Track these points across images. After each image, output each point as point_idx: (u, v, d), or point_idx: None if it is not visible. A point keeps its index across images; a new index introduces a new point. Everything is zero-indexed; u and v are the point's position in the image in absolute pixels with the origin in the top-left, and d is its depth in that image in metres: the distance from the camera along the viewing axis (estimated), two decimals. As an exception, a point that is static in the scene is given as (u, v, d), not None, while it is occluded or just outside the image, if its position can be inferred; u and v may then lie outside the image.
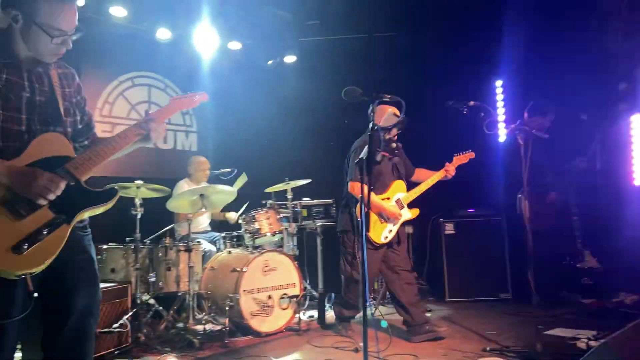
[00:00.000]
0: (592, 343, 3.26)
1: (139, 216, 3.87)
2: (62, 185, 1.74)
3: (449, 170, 3.90)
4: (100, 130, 5.14)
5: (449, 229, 5.16)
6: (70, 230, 1.74)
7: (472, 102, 3.60)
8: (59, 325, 1.82)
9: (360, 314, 3.46)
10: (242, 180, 4.53)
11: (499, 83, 5.91)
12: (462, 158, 3.97)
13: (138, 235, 3.88)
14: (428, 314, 4.60)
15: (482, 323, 4.20)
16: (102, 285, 3.51)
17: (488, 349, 3.38)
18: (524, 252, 4.78)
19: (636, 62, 4.95)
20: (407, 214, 3.84)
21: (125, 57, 5.44)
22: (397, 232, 3.82)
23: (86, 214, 1.83)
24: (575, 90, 4.94)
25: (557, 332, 3.79)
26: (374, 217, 3.67)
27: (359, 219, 3.57)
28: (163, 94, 5.77)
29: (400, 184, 3.90)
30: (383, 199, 3.76)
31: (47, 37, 1.76)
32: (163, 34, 5.21)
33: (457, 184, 5.53)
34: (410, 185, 3.98)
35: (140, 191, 3.86)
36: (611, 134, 4.34)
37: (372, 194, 3.56)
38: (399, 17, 5.63)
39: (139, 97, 5.55)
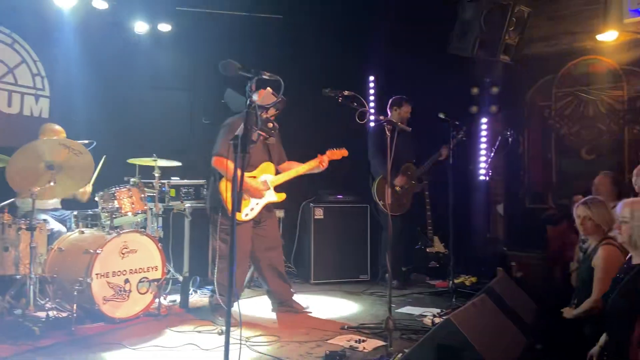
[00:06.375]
0: (437, 319, 3.61)
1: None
2: None
3: (323, 161, 3.96)
4: None
5: (319, 214, 5.30)
6: None
7: (346, 92, 3.70)
8: None
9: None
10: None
11: (371, 78, 6.23)
12: (336, 153, 4.06)
13: (-32, 209, 3.33)
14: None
15: (342, 303, 4.41)
16: None
17: (346, 327, 3.56)
18: (382, 237, 5.17)
19: (487, 69, 5.56)
20: (273, 196, 3.87)
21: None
22: (261, 213, 3.82)
23: None
24: (436, 91, 5.39)
25: (407, 309, 4.13)
26: None
27: (221, 195, 3.52)
28: (9, 49, 5.00)
29: (269, 166, 3.90)
30: (249, 177, 3.73)
31: None
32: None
33: (328, 170, 5.74)
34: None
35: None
36: (464, 132, 4.82)
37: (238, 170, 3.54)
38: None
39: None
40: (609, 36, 4.90)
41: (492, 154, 5.49)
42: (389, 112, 5.12)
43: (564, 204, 4.73)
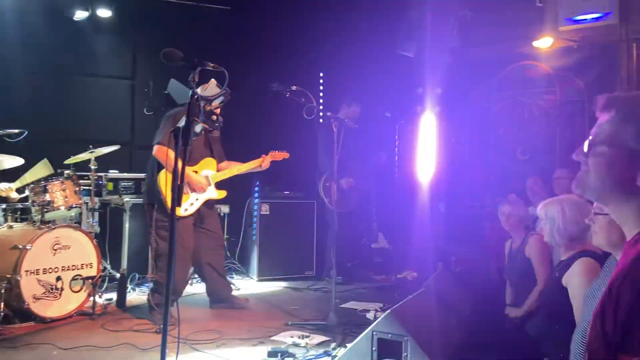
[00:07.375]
0: (379, 314, 3.68)
1: None
2: None
3: (265, 162, 3.94)
4: None
5: (265, 209, 5.24)
6: None
7: (294, 87, 3.69)
8: None
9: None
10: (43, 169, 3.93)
11: (320, 74, 6.24)
12: (278, 155, 4.08)
13: None
14: (235, 292, 4.63)
15: (287, 300, 4.39)
16: None
17: (290, 323, 3.54)
18: (328, 233, 5.20)
19: (432, 71, 5.71)
20: (213, 193, 3.80)
21: None
22: (202, 209, 3.75)
23: None
24: (384, 89, 5.48)
25: (351, 304, 4.18)
26: None
27: (159, 188, 3.43)
28: None
29: (211, 162, 3.85)
30: (191, 171, 3.67)
31: None
32: None
33: (275, 165, 5.71)
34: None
35: None
36: (408, 132, 4.94)
37: (179, 161, 3.44)
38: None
39: None
40: (544, 42, 5.15)
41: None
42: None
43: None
